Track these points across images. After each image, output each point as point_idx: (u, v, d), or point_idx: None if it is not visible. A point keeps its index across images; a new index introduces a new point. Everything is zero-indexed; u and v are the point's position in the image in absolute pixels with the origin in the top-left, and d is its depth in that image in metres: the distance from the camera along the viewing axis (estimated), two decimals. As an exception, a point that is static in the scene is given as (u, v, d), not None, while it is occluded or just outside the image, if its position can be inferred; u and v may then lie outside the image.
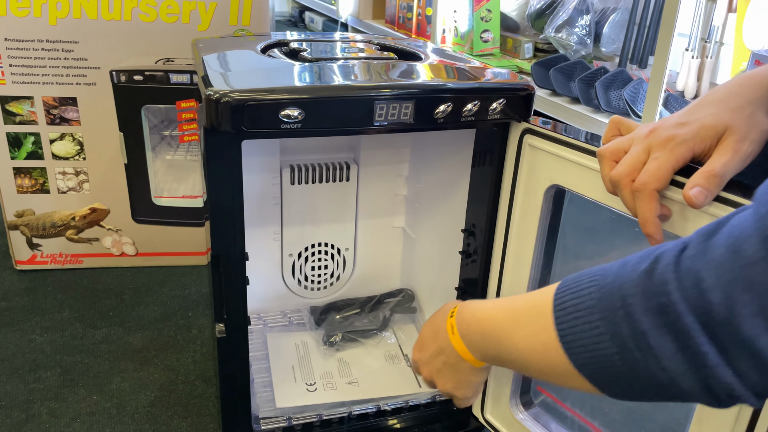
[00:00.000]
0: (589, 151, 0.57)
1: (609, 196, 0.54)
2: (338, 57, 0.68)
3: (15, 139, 1.02)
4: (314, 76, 0.61)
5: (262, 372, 0.81)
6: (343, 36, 0.86)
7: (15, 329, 0.96)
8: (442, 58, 0.74)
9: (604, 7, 1.82)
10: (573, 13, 1.78)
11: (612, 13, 1.80)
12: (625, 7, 1.74)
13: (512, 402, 0.72)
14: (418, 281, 0.94)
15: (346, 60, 0.67)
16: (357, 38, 0.82)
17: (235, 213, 0.61)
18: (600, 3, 1.83)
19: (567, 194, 0.64)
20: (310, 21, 3.34)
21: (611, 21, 1.80)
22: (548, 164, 0.61)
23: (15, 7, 0.94)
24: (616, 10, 1.78)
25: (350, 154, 0.89)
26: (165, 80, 1.01)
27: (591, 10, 1.80)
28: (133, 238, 1.12)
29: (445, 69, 0.68)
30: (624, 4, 1.77)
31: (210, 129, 0.56)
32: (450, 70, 0.68)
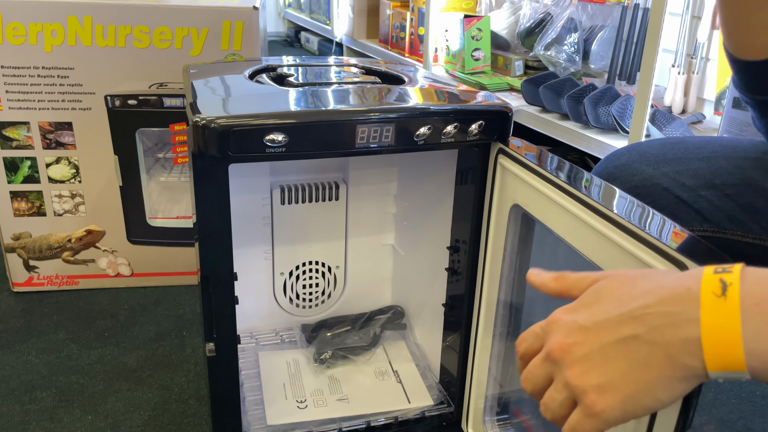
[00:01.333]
0: (543, 177, 0.59)
1: (560, 225, 0.56)
2: (323, 82, 0.71)
3: (11, 164, 1.04)
4: (299, 102, 0.63)
5: (254, 390, 0.82)
6: (329, 60, 0.88)
7: (11, 351, 0.98)
8: (424, 81, 0.76)
9: (593, 24, 1.85)
10: (561, 31, 1.82)
11: (600, 30, 1.83)
12: (613, 24, 1.77)
13: (486, 418, 0.73)
14: (407, 298, 0.95)
15: (330, 85, 0.70)
16: (343, 62, 0.84)
17: (223, 234, 0.63)
18: (588, 21, 1.87)
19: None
20: (306, 41, 3.39)
21: (599, 38, 1.83)
22: (513, 184, 0.63)
23: (11, 36, 0.97)
24: (604, 27, 1.82)
25: (339, 173, 0.91)
26: (158, 104, 1.03)
27: (579, 28, 1.83)
28: (129, 259, 1.13)
29: (426, 92, 0.70)
30: (612, 21, 1.80)
31: (197, 154, 0.58)
32: (431, 93, 0.70)
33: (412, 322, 0.94)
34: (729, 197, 0.60)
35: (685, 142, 0.65)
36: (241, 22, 1.00)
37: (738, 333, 0.32)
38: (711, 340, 0.33)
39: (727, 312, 0.33)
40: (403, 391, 0.84)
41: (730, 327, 0.33)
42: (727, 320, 0.33)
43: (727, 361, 0.33)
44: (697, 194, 0.61)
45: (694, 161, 0.61)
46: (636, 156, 0.64)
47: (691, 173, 0.61)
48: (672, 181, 0.62)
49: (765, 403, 0.93)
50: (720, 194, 0.60)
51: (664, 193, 0.62)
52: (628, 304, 0.36)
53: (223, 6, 1.00)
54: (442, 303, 0.81)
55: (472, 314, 0.75)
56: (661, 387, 0.35)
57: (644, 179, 0.63)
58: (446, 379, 0.83)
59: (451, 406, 0.82)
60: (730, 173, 0.60)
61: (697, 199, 0.61)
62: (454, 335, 0.79)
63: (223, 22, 1.00)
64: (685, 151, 0.62)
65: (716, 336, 0.33)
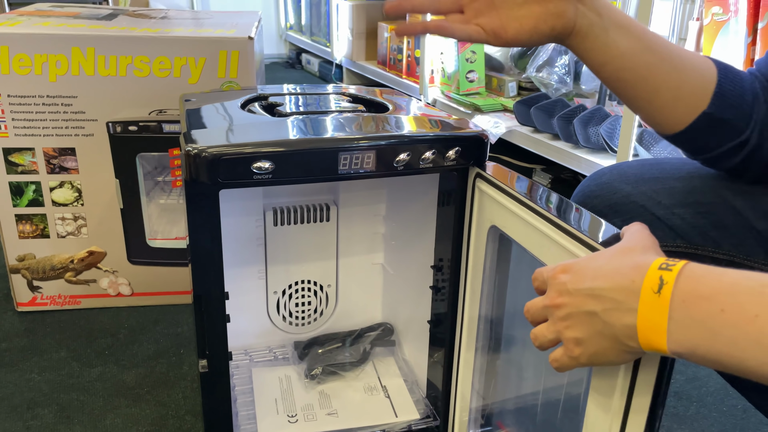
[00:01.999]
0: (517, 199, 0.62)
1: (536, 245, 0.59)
2: (310, 111, 0.75)
3: (17, 188, 1.09)
4: (285, 131, 0.67)
5: (247, 405, 0.85)
6: (320, 88, 0.92)
7: (14, 369, 1.01)
8: (408, 109, 0.80)
9: (583, 46, 1.89)
10: (552, 53, 1.86)
11: (590, 52, 1.87)
12: (602, 46, 1.82)
13: (470, 430, 0.76)
14: (396, 315, 0.98)
15: (316, 114, 0.74)
16: (331, 90, 0.88)
17: (214, 256, 0.66)
18: (579, 43, 1.91)
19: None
20: (307, 63, 3.45)
21: (590, 60, 1.87)
22: (490, 207, 0.67)
23: (17, 66, 1.01)
24: (594, 49, 1.86)
25: (330, 196, 0.94)
26: (158, 130, 1.08)
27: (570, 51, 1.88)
28: (129, 279, 1.17)
29: (407, 120, 0.74)
30: (601, 43, 1.84)
31: (190, 181, 0.62)
32: (412, 120, 0.74)
33: (400, 339, 0.97)
34: (702, 215, 0.63)
35: (663, 163, 0.68)
36: (236, 51, 1.05)
37: (664, 325, 0.40)
38: (643, 328, 0.41)
39: (658, 307, 0.40)
40: (390, 406, 0.87)
41: (658, 320, 0.40)
42: (657, 314, 0.40)
43: (655, 347, 0.41)
44: (672, 212, 0.64)
45: (671, 181, 0.65)
46: (616, 175, 0.68)
47: (667, 192, 0.65)
48: (649, 199, 0.65)
49: (746, 417, 0.96)
50: (693, 212, 0.63)
51: (641, 210, 0.66)
52: (594, 281, 0.45)
53: (219, 36, 1.04)
54: (428, 320, 0.84)
55: (455, 330, 0.78)
56: (612, 354, 0.45)
57: (623, 197, 0.67)
58: (432, 394, 0.86)
59: (437, 419, 0.84)
60: (703, 192, 0.63)
61: (671, 216, 0.64)
62: (439, 351, 0.82)
63: (219, 52, 1.04)
64: (663, 172, 0.66)
65: (647, 326, 0.41)
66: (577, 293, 0.46)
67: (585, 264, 0.47)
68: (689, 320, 0.39)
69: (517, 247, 0.66)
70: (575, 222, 0.55)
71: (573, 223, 0.54)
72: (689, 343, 0.39)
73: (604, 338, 0.44)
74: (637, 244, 0.47)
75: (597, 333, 0.44)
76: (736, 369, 0.38)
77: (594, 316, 0.44)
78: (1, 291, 1.22)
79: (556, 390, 0.67)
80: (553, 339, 0.48)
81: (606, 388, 0.51)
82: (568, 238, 0.55)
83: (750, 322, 0.36)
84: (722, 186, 0.63)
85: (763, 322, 0.36)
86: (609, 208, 0.68)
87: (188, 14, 1.30)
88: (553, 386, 0.67)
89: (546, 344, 0.49)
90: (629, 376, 0.48)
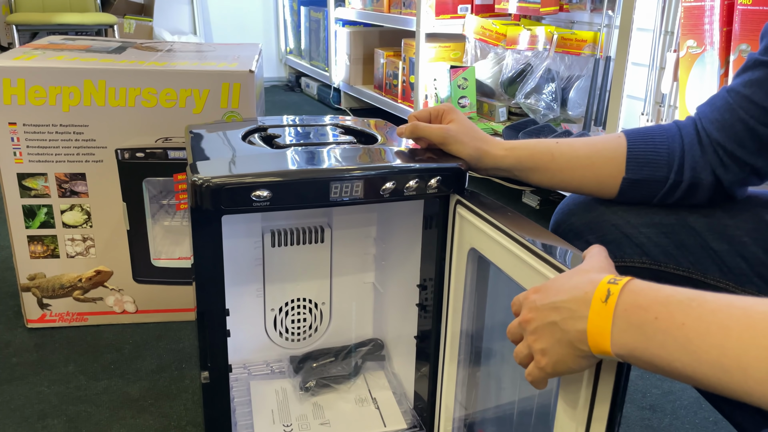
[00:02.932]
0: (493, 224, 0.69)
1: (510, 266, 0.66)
2: (305, 143, 0.82)
3: (30, 211, 1.15)
4: (282, 162, 0.74)
5: (245, 415, 0.91)
6: (315, 120, 0.99)
7: (25, 382, 1.07)
8: (396, 141, 0.87)
9: (570, 74, 1.98)
10: (540, 80, 1.95)
11: (577, 79, 1.96)
12: (588, 74, 1.90)
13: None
14: (386, 332, 1.04)
15: (311, 146, 0.81)
16: (327, 122, 0.95)
17: (216, 276, 0.73)
18: (566, 70, 2.00)
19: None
20: (306, 86, 3.54)
21: (576, 86, 1.96)
22: (470, 231, 0.74)
23: (33, 97, 1.09)
24: (581, 77, 1.94)
25: (324, 219, 1.01)
26: (163, 156, 1.15)
27: (557, 78, 1.96)
28: (134, 297, 1.23)
29: (394, 151, 0.81)
30: (587, 71, 1.93)
31: (195, 208, 0.69)
32: (398, 152, 0.81)
33: (390, 354, 1.03)
34: (665, 234, 0.70)
35: None
36: (238, 83, 1.12)
37: (608, 330, 0.46)
38: (592, 333, 0.47)
39: (605, 314, 0.46)
40: (380, 416, 0.92)
41: (604, 325, 0.46)
42: (603, 320, 0.46)
43: (602, 349, 0.47)
44: (639, 231, 0.71)
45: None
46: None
47: (635, 213, 0.72)
48: (620, 218, 0.72)
49: (716, 429, 1.01)
50: (658, 231, 0.70)
51: (612, 229, 0.73)
52: (556, 295, 0.51)
53: (222, 70, 1.12)
54: (414, 336, 0.90)
55: (439, 345, 0.84)
56: (570, 360, 0.50)
57: (597, 215, 0.74)
58: (419, 405, 0.92)
59: (423, 429, 0.90)
60: (667, 213, 0.71)
61: (639, 235, 0.71)
62: (425, 365, 0.88)
63: (222, 84, 1.12)
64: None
65: (595, 331, 0.47)
66: (543, 308, 0.51)
67: (550, 284, 0.53)
68: (628, 326, 0.45)
69: (494, 267, 0.72)
70: (543, 246, 0.61)
71: (541, 246, 0.61)
72: (628, 346, 0.45)
73: (563, 345, 0.50)
74: (594, 265, 0.53)
75: (557, 341, 0.50)
76: (666, 370, 0.44)
77: (554, 326, 0.50)
78: (12, 308, 1.28)
79: (530, 399, 0.73)
80: (527, 354, 0.54)
81: (571, 398, 0.57)
82: (537, 259, 0.61)
83: (677, 329, 0.43)
84: (684, 209, 0.70)
85: (688, 329, 0.42)
86: (585, 226, 0.75)
87: (192, 47, 1.37)
88: (527, 396, 0.73)
89: (524, 360, 0.54)
90: (590, 387, 0.54)
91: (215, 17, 3.70)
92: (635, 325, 0.45)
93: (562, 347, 0.50)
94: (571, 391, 0.57)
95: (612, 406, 0.53)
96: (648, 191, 0.71)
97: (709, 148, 0.67)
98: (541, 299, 0.52)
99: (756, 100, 0.63)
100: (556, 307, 0.50)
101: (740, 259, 0.67)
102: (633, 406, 1.05)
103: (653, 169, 0.69)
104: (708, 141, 0.67)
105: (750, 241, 0.66)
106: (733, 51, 1.40)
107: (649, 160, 0.69)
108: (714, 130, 0.67)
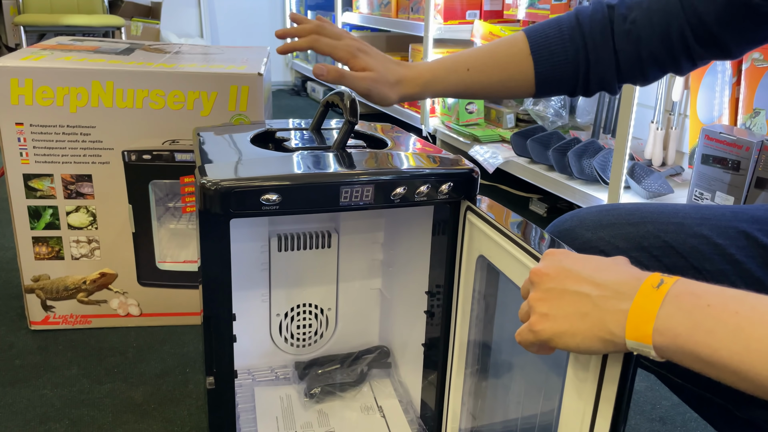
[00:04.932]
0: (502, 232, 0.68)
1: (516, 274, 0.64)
2: (314, 147, 0.81)
3: (35, 212, 1.14)
4: (291, 165, 0.73)
5: (249, 422, 0.90)
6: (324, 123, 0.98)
7: (28, 385, 1.06)
8: (405, 145, 0.86)
9: (578, 81, 1.96)
10: (548, 87, 1.93)
11: (585, 86, 1.94)
12: (597, 81, 1.89)
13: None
14: (393, 339, 1.03)
15: (320, 149, 0.80)
16: (335, 126, 0.94)
17: (223, 280, 0.72)
18: (574, 77, 1.98)
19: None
20: (312, 90, 3.54)
21: (585, 94, 1.94)
22: (479, 238, 0.72)
23: (40, 98, 1.08)
24: (589, 84, 1.93)
25: (331, 224, 1.00)
26: (170, 158, 1.14)
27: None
28: (138, 300, 1.22)
29: (405, 156, 0.80)
30: (596, 78, 1.91)
31: (203, 211, 0.68)
32: (409, 156, 0.80)
33: (396, 361, 1.02)
34: (655, 258, 0.68)
35: (619, 209, 0.73)
36: (246, 86, 1.11)
37: (654, 313, 0.43)
38: (633, 314, 0.44)
39: (653, 298, 0.44)
40: (386, 425, 0.91)
41: (650, 308, 0.44)
42: (650, 303, 0.44)
43: (640, 333, 0.44)
44: (629, 254, 0.68)
45: (626, 226, 0.70)
46: (577, 222, 0.73)
47: (622, 236, 0.70)
48: (607, 244, 0.70)
49: None
50: (648, 255, 0.68)
51: (600, 255, 0.71)
52: (596, 272, 0.48)
53: (230, 72, 1.11)
54: (422, 343, 0.89)
55: (447, 354, 0.83)
56: (586, 338, 0.47)
57: (583, 243, 0.71)
58: (426, 414, 0.91)
59: (430, 439, 0.89)
60: (655, 237, 0.68)
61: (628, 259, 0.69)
62: (432, 373, 0.87)
63: (230, 87, 1.11)
64: (618, 217, 0.71)
65: (638, 312, 0.44)
66: (573, 275, 0.48)
67: (588, 259, 0.50)
68: (677, 310, 0.43)
69: (503, 276, 0.71)
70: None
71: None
72: (672, 331, 0.43)
73: (586, 320, 0.47)
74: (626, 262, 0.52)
75: (579, 313, 0.47)
76: (707, 360, 0.42)
77: (584, 298, 0.47)
78: (16, 310, 1.27)
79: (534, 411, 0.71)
80: (527, 311, 0.51)
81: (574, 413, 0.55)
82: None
83: (730, 316, 0.41)
84: (672, 230, 0.68)
85: (741, 317, 0.41)
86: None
87: (200, 49, 1.37)
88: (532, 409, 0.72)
89: (524, 317, 0.52)
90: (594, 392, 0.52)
91: (222, 20, 3.71)
92: (685, 310, 0.43)
93: (584, 321, 0.47)
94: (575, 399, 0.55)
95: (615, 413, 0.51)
96: (565, 80, 0.77)
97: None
98: (573, 265, 0.49)
99: None
100: (596, 283, 0.47)
101: (736, 278, 0.65)
102: (642, 418, 1.03)
103: (560, 60, 0.76)
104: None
105: (744, 260, 0.65)
106: (746, 60, 1.39)
107: (555, 51, 0.76)
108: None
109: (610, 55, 0.75)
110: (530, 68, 0.78)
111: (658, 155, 1.69)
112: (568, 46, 0.76)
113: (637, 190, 1.53)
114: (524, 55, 0.78)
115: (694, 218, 0.68)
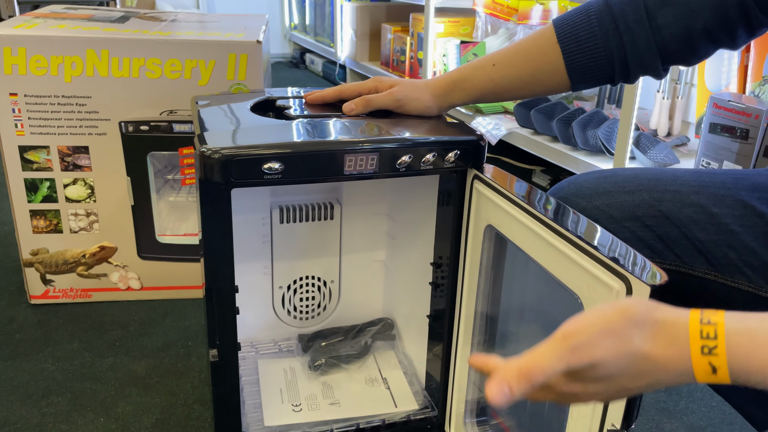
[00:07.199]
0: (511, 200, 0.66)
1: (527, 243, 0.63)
2: (317, 114, 0.78)
3: (32, 185, 1.12)
4: (294, 133, 0.71)
5: (253, 394, 0.89)
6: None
7: (29, 359, 1.05)
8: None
9: (583, 50, 1.93)
10: (552, 57, 1.90)
11: (590, 56, 1.91)
12: (602, 50, 1.85)
13: (467, 420, 0.80)
14: (396, 311, 1.02)
15: (323, 117, 0.77)
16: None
17: (225, 251, 0.70)
18: (579, 47, 1.94)
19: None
20: (311, 63, 3.49)
21: (589, 63, 1.90)
22: (487, 207, 0.71)
23: (34, 67, 1.05)
24: (594, 53, 1.89)
25: (334, 195, 0.98)
26: (168, 129, 1.11)
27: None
28: (139, 274, 1.21)
29: (410, 124, 0.78)
30: (600, 47, 1.88)
31: (204, 180, 0.66)
32: (415, 124, 0.78)
33: (400, 333, 1.01)
34: (648, 228, 0.66)
35: (616, 176, 0.71)
36: (245, 54, 1.08)
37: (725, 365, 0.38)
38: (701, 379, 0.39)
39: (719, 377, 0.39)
40: (390, 397, 0.90)
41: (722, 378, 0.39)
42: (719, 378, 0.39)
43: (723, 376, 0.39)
44: (622, 225, 0.67)
45: (621, 194, 0.68)
46: (573, 189, 0.71)
47: (617, 206, 0.68)
48: (601, 213, 0.68)
49: (733, 412, 0.99)
50: (641, 225, 0.67)
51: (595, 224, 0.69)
52: (637, 382, 0.41)
53: (229, 40, 1.08)
54: (427, 315, 0.88)
55: (453, 325, 0.82)
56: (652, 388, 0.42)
57: (579, 211, 0.70)
58: (431, 386, 0.90)
59: (435, 410, 0.88)
60: (650, 206, 0.67)
61: (621, 229, 0.67)
62: (437, 345, 0.86)
63: (229, 55, 1.08)
64: (615, 185, 0.69)
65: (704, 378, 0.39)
66: (615, 388, 0.42)
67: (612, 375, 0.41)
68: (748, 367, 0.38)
69: (511, 245, 0.70)
70: (567, 223, 0.58)
71: (564, 224, 0.58)
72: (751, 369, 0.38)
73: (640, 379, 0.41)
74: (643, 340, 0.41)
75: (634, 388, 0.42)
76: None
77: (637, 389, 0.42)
78: (15, 284, 1.26)
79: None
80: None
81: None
82: (559, 238, 0.58)
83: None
84: (667, 199, 0.66)
85: None
86: None
87: (197, 17, 1.34)
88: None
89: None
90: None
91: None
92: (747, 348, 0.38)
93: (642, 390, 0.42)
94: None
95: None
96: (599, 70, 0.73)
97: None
98: (608, 387, 0.42)
99: None
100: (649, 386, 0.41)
101: (728, 249, 0.63)
102: (647, 389, 1.03)
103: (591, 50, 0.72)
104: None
105: (739, 230, 0.63)
106: (756, 26, 1.35)
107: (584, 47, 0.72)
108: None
109: (647, 33, 0.68)
110: (559, 58, 0.73)
111: (664, 125, 1.67)
112: (596, 31, 0.70)
113: (642, 161, 1.51)
114: (551, 44, 0.73)
115: (692, 185, 0.67)
